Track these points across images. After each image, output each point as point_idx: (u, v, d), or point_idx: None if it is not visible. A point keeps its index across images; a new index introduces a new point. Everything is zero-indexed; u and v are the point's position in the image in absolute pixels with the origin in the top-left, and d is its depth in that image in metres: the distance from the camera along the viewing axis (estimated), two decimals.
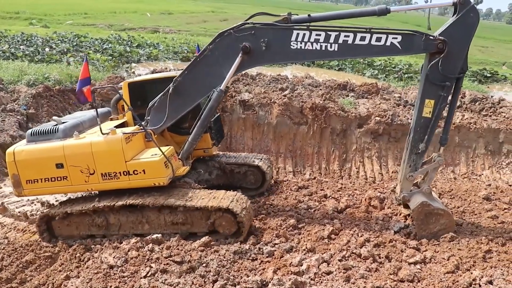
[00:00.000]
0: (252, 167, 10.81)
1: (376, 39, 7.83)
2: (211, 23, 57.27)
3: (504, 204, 10.56)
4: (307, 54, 8.10)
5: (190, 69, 8.47)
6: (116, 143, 7.98)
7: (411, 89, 17.79)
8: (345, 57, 8.42)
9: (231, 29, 8.16)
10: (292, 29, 7.98)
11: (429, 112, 8.21)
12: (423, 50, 7.91)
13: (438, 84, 8.00)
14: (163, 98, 8.57)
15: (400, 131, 14.03)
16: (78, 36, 31.35)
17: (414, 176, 8.72)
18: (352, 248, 7.87)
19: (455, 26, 7.80)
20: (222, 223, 8.07)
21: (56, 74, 16.22)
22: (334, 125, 14.12)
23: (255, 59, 8.30)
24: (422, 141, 8.41)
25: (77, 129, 8.49)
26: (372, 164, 13.64)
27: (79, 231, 8.48)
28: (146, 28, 44.85)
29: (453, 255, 7.84)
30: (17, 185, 8.30)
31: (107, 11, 61.41)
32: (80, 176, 8.12)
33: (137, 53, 27.11)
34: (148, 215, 8.20)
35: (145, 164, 8.05)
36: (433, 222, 8.57)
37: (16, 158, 8.14)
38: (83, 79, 8.00)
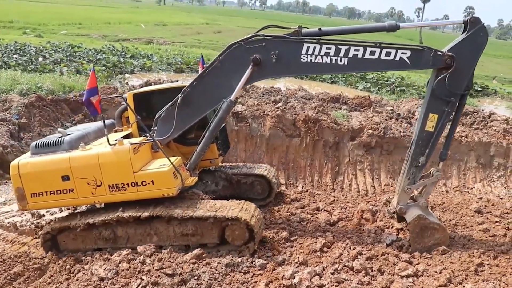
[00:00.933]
0: (259, 177, 10.82)
1: (386, 53, 7.87)
2: (205, 35, 57.57)
3: (496, 217, 10.61)
4: (317, 67, 8.10)
5: (199, 80, 8.41)
6: (124, 154, 7.87)
7: (404, 102, 17.95)
8: (355, 71, 8.47)
9: (241, 41, 8.13)
10: (303, 42, 7.96)
11: (432, 127, 8.26)
12: (431, 65, 7.96)
13: (443, 99, 8.05)
14: (171, 109, 8.50)
15: (392, 144, 14.10)
16: (72, 46, 31.36)
17: (412, 189, 8.74)
18: (344, 261, 7.85)
19: (464, 44, 7.87)
20: (234, 233, 7.94)
21: (49, 84, 16.18)
22: (327, 138, 14.17)
23: (265, 71, 8.25)
24: (422, 155, 8.45)
25: (83, 141, 8.36)
26: (364, 176, 13.67)
27: (85, 245, 8.30)
28: (140, 39, 44.98)
29: (445, 268, 7.85)
30: (21, 198, 8.11)
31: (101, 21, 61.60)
32: (86, 188, 7.97)
33: (130, 64, 27.13)
34: (157, 227, 8.04)
35: (154, 174, 7.92)
36: (428, 236, 8.59)
37: (21, 171, 7.97)
38: (90, 89, 7.93)
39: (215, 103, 8.55)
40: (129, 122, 9.51)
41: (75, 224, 8.06)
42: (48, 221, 9.66)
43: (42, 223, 9.56)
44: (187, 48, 39.00)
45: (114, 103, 14.55)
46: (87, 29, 51.49)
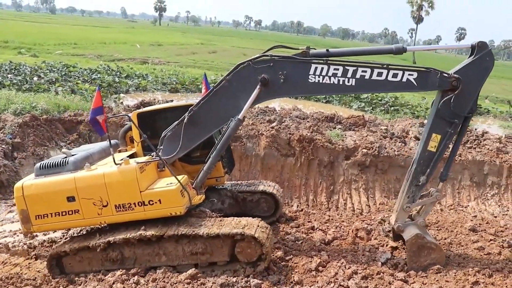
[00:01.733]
0: (265, 194, 10.78)
1: (393, 75, 7.94)
2: (200, 55, 58.01)
3: (490, 235, 10.62)
4: (324, 88, 8.13)
5: (207, 99, 8.42)
6: (130, 173, 7.81)
7: (398, 122, 18.09)
8: (362, 92, 8.50)
9: (249, 61, 8.16)
10: (311, 63, 8.00)
11: (434, 147, 8.32)
12: (437, 87, 8.04)
13: (447, 120, 8.14)
14: (177, 128, 8.49)
15: (387, 163, 14.15)
16: (67, 66, 31.49)
17: (411, 208, 8.77)
18: (339, 280, 7.82)
19: (470, 67, 7.98)
20: (245, 250, 7.86)
21: (43, 104, 16.19)
22: (322, 157, 14.20)
23: (272, 92, 8.27)
24: (423, 174, 8.49)
25: (87, 161, 8.30)
26: (359, 195, 13.68)
27: (91, 267, 8.14)
28: (136, 59, 45.26)
29: (440, 287, 7.83)
30: (25, 221, 8.00)
31: (96, 41, 62.01)
32: (92, 209, 7.88)
33: (125, 84, 27.24)
34: (166, 246, 7.93)
35: (161, 193, 7.86)
36: (425, 255, 8.59)
37: (25, 193, 7.87)
38: (96, 108, 7.90)
39: (222, 122, 8.56)
40: (133, 142, 9.46)
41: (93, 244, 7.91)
42: (41, 241, 9.58)
43: (35, 243, 9.47)
44: (182, 68, 39.27)
45: (109, 123, 14.56)
46: (82, 49, 51.79)
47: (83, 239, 8.23)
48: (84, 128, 14.58)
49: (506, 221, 12.34)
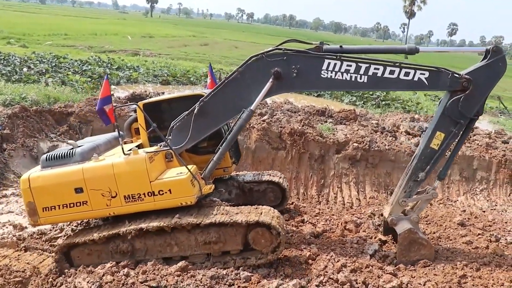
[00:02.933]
0: (272, 184, 10.79)
1: (405, 73, 7.95)
2: (192, 47, 57.75)
3: (478, 230, 10.74)
4: (336, 83, 8.12)
5: (218, 90, 8.35)
6: (139, 163, 7.72)
7: (388, 116, 18.17)
8: (373, 89, 8.52)
9: (262, 53, 8.11)
10: (324, 58, 7.97)
11: (437, 145, 8.38)
12: (448, 87, 8.06)
13: (453, 120, 8.19)
14: (186, 118, 8.40)
15: (377, 157, 14.23)
16: (57, 57, 31.19)
17: (407, 203, 8.84)
18: (329, 273, 7.86)
19: (482, 70, 8.02)
20: (259, 239, 7.81)
21: (33, 95, 16.05)
22: (313, 151, 14.24)
23: (284, 85, 8.24)
24: (423, 171, 8.56)
25: (94, 152, 8.20)
26: (349, 189, 13.75)
27: (100, 259, 8.02)
28: (127, 50, 44.95)
29: (429, 280, 7.91)
30: (32, 213, 7.88)
31: (87, 32, 61.44)
32: (101, 200, 7.78)
33: (116, 76, 27.06)
34: (178, 236, 7.84)
35: (172, 183, 7.77)
36: (415, 251, 8.68)
37: (32, 185, 7.76)
38: (104, 97, 7.76)
39: (232, 114, 8.49)
40: (138, 133, 9.37)
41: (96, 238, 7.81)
42: (30, 233, 9.53)
43: (24, 235, 9.42)
44: (173, 60, 39.07)
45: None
46: (73, 40, 51.30)
47: (92, 231, 8.11)
48: (74, 120, 14.47)
49: (494, 215, 12.49)
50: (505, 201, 13.83)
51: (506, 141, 16.15)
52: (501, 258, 9.00)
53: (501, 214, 12.86)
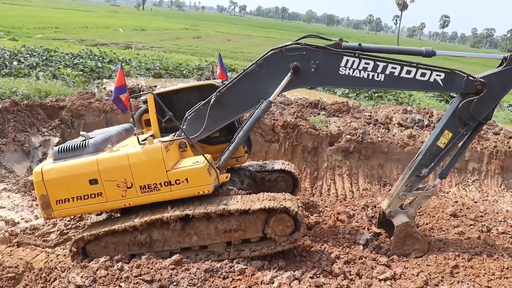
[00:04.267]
0: (284, 173, 10.82)
1: (421, 74, 8.01)
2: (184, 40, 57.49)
3: (470, 220, 10.84)
4: (353, 81, 8.13)
5: (235, 82, 8.31)
6: (156, 152, 7.64)
7: (381, 108, 18.21)
8: (389, 88, 8.56)
9: (282, 47, 8.08)
10: (343, 55, 7.98)
11: (444, 143, 8.48)
12: (462, 89, 8.13)
13: (462, 121, 8.29)
14: (202, 109, 8.33)
15: (370, 149, 14.28)
16: (48, 50, 30.89)
17: (407, 196, 8.91)
18: (323, 265, 7.89)
19: (497, 76, 8.12)
20: (278, 225, 7.75)
21: (24, 89, 15.88)
22: (306, 143, 14.26)
23: (302, 80, 8.24)
24: (426, 167, 8.64)
25: (107, 144, 8.10)
26: (343, 181, 13.80)
27: (117, 252, 7.92)
28: (119, 44, 44.67)
29: (422, 271, 7.98)
30: (46, 206, 7.79)
31: (78, 26, 60.94)
32: (116, 191, 7.70)
33: (108, 69, 26.89)
34: (197, 225, 7.77)
35: (189, 172, 7.69)
36: (409, 244, 8.78)
37: (45, 178, 7.65)
38: (119, 86, 7.66)
39: (249, 106, 8.47)
40: (148, 125, 9.28)
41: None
42: (23, 228, 9.48)
43: (17, 231, 9.37)
44: (166, 53, 38.88)
45: (92, 109, 14.39)
46: (64, 33, 50.85)
47: (110, 223, 8.03)
48: (66, 114, 14.37)
49: (486, 206, 12.61)
50: (496, 192, 13.96)
51: (497, 132, 16.27)
52: (492, 248, 9.10)
53: (492, 205, 12.99)
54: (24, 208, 10.34)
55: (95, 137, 8.22)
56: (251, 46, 58.96)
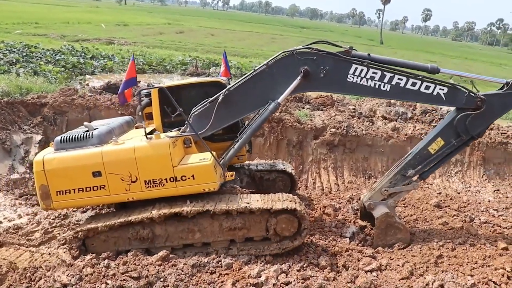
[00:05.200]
0: (282, 173, 10.89)
1: (425, 87, 8.23)
2: (167, 35, 57.04)
3: (453, 211, 11.02)
4: (360, 89, 8.28)
5: (244, 82, 8.34)
6: (163, 147, 7.58)
7: (365, 101, 18.30)
8: (394, 98, 8.80)
9: (293, 51, 8.17)
10: (352, 63, 8.13)
11: (434, 149, 8.73)
12: (463, 104, 8.39)
13: (457, 133, 8.55)
14: (209, 106, 8.34)
15: (355, 142, 14.38)
16: (28, 46, 30.32)
17: (389, 192, 9.05)
18: (310, 258, 7.96)
19: (497, 97, 8.46)
20: (282, 225, 7.81)
21: (4, 86, 15.57)
22: (291, 137, 14.30)
23: (311, 84, 8.32)
24: (413, 168, 8.84)
25: (111, 136, 7.99)
26: (328, 175, 13.88)
27: (117, 246, 7.88)
28: (101, 39, 44.09)
29: (407, 262, 8.10)
30: (45, 197, 7.65)
31: (59, 21, 59.94)
32: (120, 185, 7.61)
33: (91, 65, 26.54)
34: (201, 222, 7.75)
35: (195, 168, 7.66)
36: (391, 235, 8.91)
37: (46, 167, 7.50)
38: (129, 79, 7.51)
39: (255, 106, 8.53)
40: (149, 118, 9.22)
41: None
42: (6, 228, 9.35)
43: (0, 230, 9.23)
44: (149, 48, 38.51)
45: (75, 105, 14.21)
46: (44, 29, 49.99)
47: (111, 217, 7.93)
48: (48, 111, 14.16)
49: (469, 196, 12.82)
50: (478, 183, 14.19)
51: None
52: (475, 238, 9.26)
53: (475, 195, 13.21)
54: (6, 207, 10.18)
55: (99, 128, 8.09)
56: (235, 41, 58.76)
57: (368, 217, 9.54)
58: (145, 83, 19.55)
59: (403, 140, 14.57)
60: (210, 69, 27.99)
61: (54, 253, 8.51)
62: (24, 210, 9.96)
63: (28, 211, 9.90)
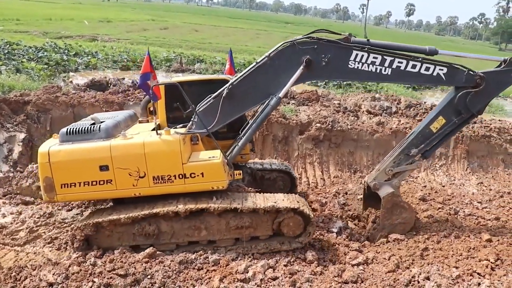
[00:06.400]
0: (282, 173, 10.92)
1: (425, 68, 8.36)
2: (151, 32, 56.62)
3: (438, 204, 11.16)
4: (362, 74, 8.36)
5: (247, 75, 8.34)
6: (174, 144, 7.52)
7: (350, 96, 18.42)
8: (395, 81, 8.87)
9: (293, 41, 8.18)
10: (352, 49, 8.20)
11: (436, 128, 8.89)
12: (463, 83, 8.54)
13: (457, 110, 8.71)
14: (213, 102, 8.32)
15: (340, 137, 14.46)
16: (9, 43, 29.83)
17: (393, 172, 9.19)
18: (297, 253, 8.00)
19: (494, 74, 8.65)
20: (289, 224, 7.87)
21: None
22: (276, 132, 14.32)
23: (313, 73, 8.38)
24: (416, 147, 8.99)
25: (118, 130, 7.89)
26: (314, 170, 13.93)
27: (121, 241, 7.82)
28: (84, 36, 43.59)
29: (393, 255, 8.18)
30: (49, 189, 7.52)
31: (41, 17, 59.05)
32: (127, 180, 7.53)
33: (74, 62, 26.22)
34: (208, 220, 7.73)
35: (205, 166, 7.63)
36: (397, 214, 9.11)
37: (52, 159, 7.37)
38: (144, 73, 7.42)
39: (259, 99, 8.53)
40: (152, 113, 9.11)
41: None
42: None
43: None
44: (133, 45, 38.16)
45: (59, 103, 14.04)
46: (26, 26, 49.20)
47: (118, 212, 7.83)
48: (32, 108, 13.98)
49: (453, 189, 12.98)
50: (462, 176, 14.37)
51: None
52: (460, 230, 9.39)
53: (459, 188, 13.38)
54: None
55: (106, 121, 8.00)
56: (219, 37, 58.55)
57: (372, 198, 9.62)
58: (129, 80, 19.38)
59: (388, 134, 14.69)
60: (195, 65, 27.86)
61: (40, 252, 8.42)
62: (9, 209, 9.83)
63: (12, 210, 9.77)
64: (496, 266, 7.75)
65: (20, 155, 12.18)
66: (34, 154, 12.45)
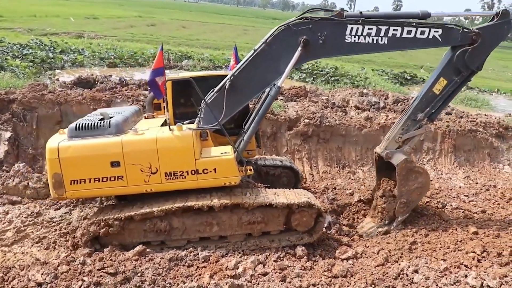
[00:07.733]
0: (286, 169, 10.96)
1: (421, 32, 8.41)
2: (138, 28, 56.16)
3: (426, 198, 11.24)
4: (359, 47, 8.41)
5: (247, 64, 8.30)
6: (187, 139, 7.50)
7: (338, 92, 18.48)
8: (393, 49, 8.89)
9: (288, 23, 8.17)
10: (347, 23, 8.23)
11: (439, 90, 9.02)
12: (459, 41, 8.64)
13: (457, 69, 8.81)
14: (217, 95, 8.27)
15: (328, 132, 14.51)
16: None
17: (403, 138, 9.30)
18: (286, 248, 8.03)
19: (489, 28, 8.69)
20: (301, 219, 7.94)
21: None
22: (265, 128, 14.32)
23: (311, 53, 8.40)
24: (422, 111, 9.11)
25: (127, 125, 7.80)
26: (302, 165, 13.97)
27: (131, 238, 7.78)
28: (70, 33, 43.07)
29: (382, 249, 8.26)
30: (58, 186, 7.44)
31: (26, 14, 58.21)
32: (139, 176, 7.48)
33: (60, 59, 25.88)
34: (220, 216, 7.72)
35: (218, 162, 7.62)
36: (413, 179, 9.20)
37: (61, 155, 7.28)
38: (156, 69, 7.31)
39: (262, 87, 8.55)
40: (157, 109, 9.14)
41: None
42: None
43: None
44: (120, 42, 37.79)
45: (45, 101, 13.89)
46: (10, 22, 48.49)
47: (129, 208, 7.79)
48: (17, 107, 13.81)
49: (441, 183, 13.12)
50: (450, 170, 14.52)
51: (449, 112, 16.85)
52: (447, 223, 9.50)
53: (446, 182, 13.52)
54: None
55: (115, 117, 7.92)
56: (207, 33, 58.25)
57: (384, 169, 9.69)
58: (116, 77, 19.24)
59: (376, 129, 14.78)
60: (183, 62, 27.71)
61: (28, 252, 8.34)
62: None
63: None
64: (483, 258, 7.85)
65: (6, 154, 12.02)
66: (20, 153, 12.36)
